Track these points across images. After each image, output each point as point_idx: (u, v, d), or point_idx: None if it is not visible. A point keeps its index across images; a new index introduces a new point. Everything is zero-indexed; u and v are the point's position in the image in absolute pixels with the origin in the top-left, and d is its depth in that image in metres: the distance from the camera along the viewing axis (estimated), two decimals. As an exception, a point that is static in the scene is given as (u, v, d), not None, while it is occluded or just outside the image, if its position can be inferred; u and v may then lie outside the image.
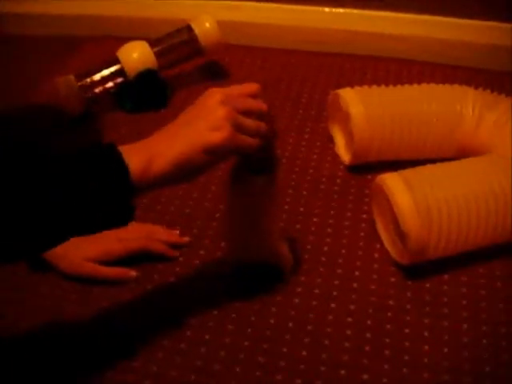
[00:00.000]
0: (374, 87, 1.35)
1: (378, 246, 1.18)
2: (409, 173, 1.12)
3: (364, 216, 1.24)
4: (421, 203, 1.06)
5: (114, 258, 1.14)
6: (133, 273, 1.14)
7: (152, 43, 1.56)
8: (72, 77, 1.53)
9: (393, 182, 1.09)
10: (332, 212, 1.25)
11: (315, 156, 1.39)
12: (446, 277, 1.12)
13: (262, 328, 1.05)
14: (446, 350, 1.01)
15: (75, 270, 1.12)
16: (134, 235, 1.15)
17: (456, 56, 1.65)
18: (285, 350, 1.02)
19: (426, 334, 1.03)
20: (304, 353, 1.01)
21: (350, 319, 1.06)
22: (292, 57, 1.76)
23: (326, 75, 1.67)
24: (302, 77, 1.67)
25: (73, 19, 1.92)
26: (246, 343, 1.03)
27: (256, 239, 1.03)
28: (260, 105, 0.97)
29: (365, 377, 0.97)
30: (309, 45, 1.77)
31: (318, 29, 1.76)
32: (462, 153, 1.27)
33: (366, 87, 1.36)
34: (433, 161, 1.18)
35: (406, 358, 1.00)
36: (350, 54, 1.73)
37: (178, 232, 1.21)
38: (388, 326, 1.04)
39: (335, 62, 1.72)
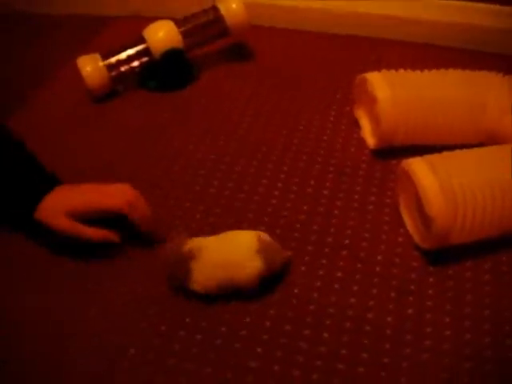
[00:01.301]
0: (401, 71, 1.34)
1: (402, 230, 1.17)
2: (434, 158, 1.12)
3: (388, 200, 1.23)
4: (446, 188, 1.05)
5: (93, 210, 1.11)
6: (116, 237, 1.12)
7: (178, 23, 1.56)
8: (98, 55, 1.54)
9: (419, 167, 1.09)
10: (356, 196, 1.25)
11: (340, 140, 1.39)
12: (468, 263, 1.12)
13: (282, 313, 1.05)
14: (467, 336, 1.00)
15: (55, 223, 1.10)
16: (118, 195, 1.13)
17: (483, 41, 1.64)
18: (307, 332, 1.02)
19: (447, 319, 1.03)
20: (326, 335, 1.01)
21: (371, 302, 1.06)
22: (318, 39, 1.75)
23: (352, 58, 1.67)
24: (328, 60, 1.67)
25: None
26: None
27: None
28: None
29: (385, 360, 0.97)
30: (335, 28, 1.76)
31: (344, 12, 1.75)
32: (487, 139, 1.26)
33: (392, 71, 1.35)
34: (458, 147, 1.17)
35: (427, 343, 1.00)
36: (376, 37, 1.73)
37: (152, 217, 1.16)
38: (409, 311, 1.04)
39: (361, 45, 1.72)
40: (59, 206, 1.11)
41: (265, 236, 1.07)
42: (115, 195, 1.13)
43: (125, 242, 1.14)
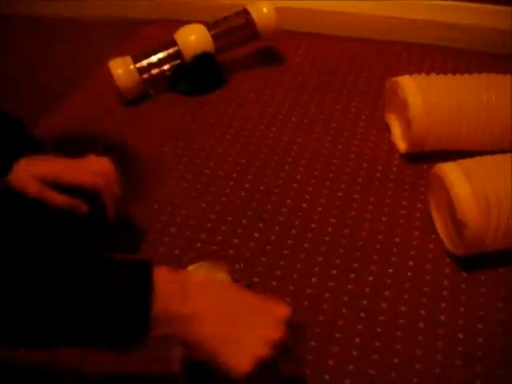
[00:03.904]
0: (433, 75, 1.34)
1: (433, 236, 1.17)
2: (467, 163, 1.11)
3: (419, 205, 1.23)
4: (479, 194, 1.04)
5: (63, 182, 1.07)
6: (84, 207, 1.07)
7: (209, 26, 1.57)
8: (129, 58, 1.54)
9: (452, 172, 1.08)
10: (387, 201, 1.25)
11: (371, 144, 1.39)
12: (501, 270, 1.11)
13: (313, 315, 1.05)
14: (500, 344, 0.99)
15: (22, 185, 1.06)
16: (92, 172, 1.09)
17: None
18: (338, 335, 1.02)
19: (479, 326, 1.02)
20: (357, 340, 1.01)
21: (403, 308, 1.05)
22: (349, 44, 1.75)
23: (383, 63, 1.66)
24: (359, 64, 1.66)
25: (131, 2, 1.93)
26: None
27: None
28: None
29: (417, 367, 0.97)
30: (366, 32, 1.76)
31: (375, 16, 1.75)
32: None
33: (424, 75, 1.34)
34: (489, 152, 1.16)
35: (460, 349, 0.99)
36: (406, 42, 1.73)
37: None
38: (442, 317, 1.04)
39: (392, 49, 1.71)
40: (30, 169, 1.06)
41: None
42: (88, 172, 1.09)
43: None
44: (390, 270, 1.11)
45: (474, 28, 1.67)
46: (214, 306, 0.78)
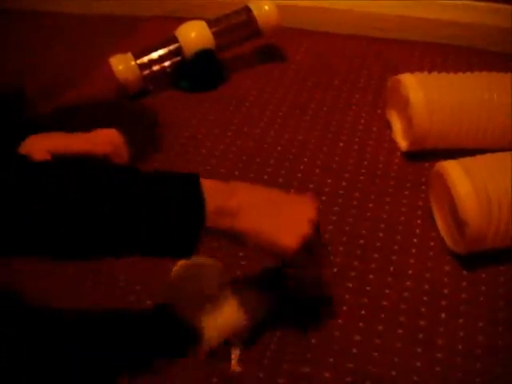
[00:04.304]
0: (434, 74, 1.34)
1: (434, 234, 1.17)
2: (469, 161, 1.11)
3: (420, 203, 1.23)
4: (481, 192, 1.04)
5: (72, 152, 1.08)
6: None
7: (210, 23, 1.57)
8: (130, 55, 1.55)
9: (453, 170, 1.08)
10: (388, 198, 1.25)
11: (372, 142, 1.39)
12: (502, 268, 1.11)
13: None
14: (500, 342, 0.99)
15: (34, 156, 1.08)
16: (101, 138, 1.13)
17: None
18: (337, 333, 1.02)
19: (480, 324, 1.02)
20: (357, 337, 1.01)
21: (403, 306, 1.05)
22: (349, 42, 1.75)
23: (384, 61, 1.66)
24: (359, 62, 1.66)
25: (132, -1, 1.93)
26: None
27: None
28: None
29: (418, 364, 0.97)
30: (367, 30, 1.76)
31: (376, 14, 1.75)
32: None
33: (425, 73, 1.34)
34: (491, 151, 1.16)
35: (460, 347, 0.99)
36: (407, 39, 1.72)
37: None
38: (442, 315, 1.04)
39: (393, 47, 1.71)
40: (38, 143, 1.09)
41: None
42: (97, 141, 1.12)
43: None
44: (391, 268, 1.11)
45: (475, 26, 1.67)
46: (258, 199, 0.90)
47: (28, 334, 0.93)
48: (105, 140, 1.13)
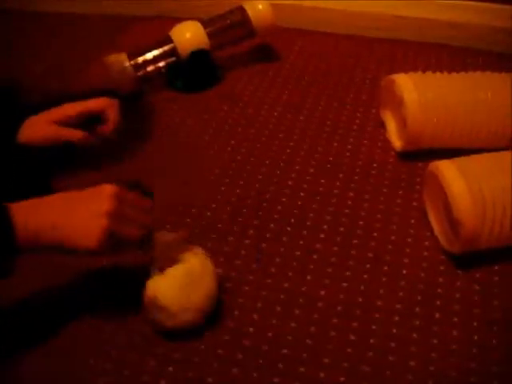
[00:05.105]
0: (429, 73, 1.34)
1: (428, 233, 1.17)
2: (463, 161, 1.11)
3: (414, 203, 1.23)
4: (475, 191, 1.04)
5: (73, 115, 1.19)
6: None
7: (205, 23, 1.56)
8: (124, 55, 1.54)
9: (447, 170, 1.08)
10: (382, 198, 1.25)
11: (366, 141, 1.39)
12: (496, 268, 1.11)
13: (308, 312, 1.05)
14: (494, 341, 0.99)
15: (37, 132, 1.15)
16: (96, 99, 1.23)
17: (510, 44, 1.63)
18: (333, 333, 1.01)
19: (475, 324, 1.02)
20: (352, 337, 1.01)
21: (398, 306, 1.05)
22: (344, 41, 1.75)
23: (378, 61, 1.66)
24: (354, 61, 1.66)
25: (125, -1, 1.93)
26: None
27: None
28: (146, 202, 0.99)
29: (412, 364, 0.97)
30: (361, 30, 1.76)
31: (370, 14, 1.75)
32: (515, 143, 1.25)
33: (420, 73, 1.34)
34: (485, 150, 1.16)
35: (454, 347, 0.99)
36: (402, 39, 1.72)
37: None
38: (437, 315, 1.04)
39: (387, 47, 1.71)
40: (39, 118, 1.16)
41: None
42: (92, 101, 1.22)
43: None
44: (385, 268, 1.11)
45: (470, 26, 1.67)
46: (50, 205, 0.90)
47: None
48: (98, 99, 1.23)
